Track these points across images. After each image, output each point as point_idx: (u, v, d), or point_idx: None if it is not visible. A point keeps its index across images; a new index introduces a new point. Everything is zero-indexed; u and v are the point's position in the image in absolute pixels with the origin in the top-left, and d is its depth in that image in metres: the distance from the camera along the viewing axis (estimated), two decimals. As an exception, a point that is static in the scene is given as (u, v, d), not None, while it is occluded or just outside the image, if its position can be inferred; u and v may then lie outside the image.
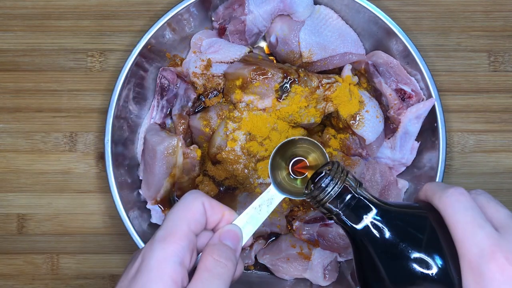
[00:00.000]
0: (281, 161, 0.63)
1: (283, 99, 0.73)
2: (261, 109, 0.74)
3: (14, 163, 0.82)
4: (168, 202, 0.77)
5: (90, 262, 0.81)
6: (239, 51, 0.77)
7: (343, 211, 0.51)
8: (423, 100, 0.75)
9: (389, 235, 0.49)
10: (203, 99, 0.78)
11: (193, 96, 0.78)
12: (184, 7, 0.75)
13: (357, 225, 0.50)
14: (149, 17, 0.82)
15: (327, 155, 0.60)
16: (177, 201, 0.51)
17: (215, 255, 0.49)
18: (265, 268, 0.78)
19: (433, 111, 0.74)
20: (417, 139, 0.77)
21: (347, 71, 0.75)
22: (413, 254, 0.48)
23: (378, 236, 0.49)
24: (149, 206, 0.77)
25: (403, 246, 0.48)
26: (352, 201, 0.50)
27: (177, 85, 0.78)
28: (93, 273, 0.81)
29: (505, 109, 0.82)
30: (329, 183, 0.50)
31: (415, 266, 0.48)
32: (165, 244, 0.47)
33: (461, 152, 0.81)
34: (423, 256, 0.48)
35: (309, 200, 0.52)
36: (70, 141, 0.82)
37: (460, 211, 0.48)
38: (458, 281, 0.46)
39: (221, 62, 0.77)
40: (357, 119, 0.74)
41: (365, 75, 0.78)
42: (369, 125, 0.74)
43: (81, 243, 0.81)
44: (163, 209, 0.77)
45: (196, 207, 0.50)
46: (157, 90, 0.79)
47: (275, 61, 0.80)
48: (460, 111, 0.82)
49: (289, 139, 0.62)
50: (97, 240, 0.81)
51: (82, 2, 0.82)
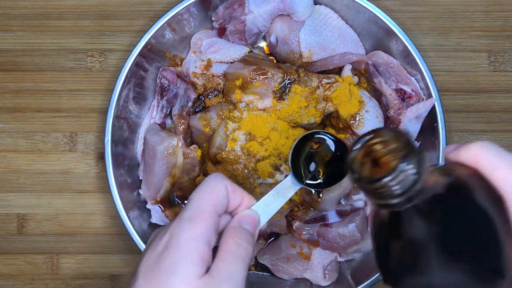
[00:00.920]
0: (300, 152, 0.64)
1: (283, 99, 0.73)
2: (261, 109, 0.74)
3: (14, 163, 0.82)
4: (168, 202, 0.77)
5: (90, 262, 0.81)
6: (239, 51, 0.77)
7: (408, 201, 0.42)
8: (423, 100, 0.75)
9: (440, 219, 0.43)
10: (203, 99, 0.78)
11: (193, 96, 0.78)
12: (184, 7, 0.75)
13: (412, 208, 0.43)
14: (149, 17, 0.82)
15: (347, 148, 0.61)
16: (201, 183, 0.52)
17: (237, 238, 0.50)
18: (265, 268, 0.78)
19: (433, 111, 0.74)
20: (417, 139, 0.77)
21: (347, 71, 0.75)
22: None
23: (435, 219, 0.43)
24: (149, 206, 0.77)
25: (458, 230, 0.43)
26: (420, 192, 0.41)
27: (177, 85, 0.78)
28: (93, 273, 0.81)
29: (505, 109, 0.82)
30: (401, 175, 0.40)
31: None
32: (193, 223, 0.48)
33: (461, 152, 0.81)
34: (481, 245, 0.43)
35: (357, 184, 0.44)
36: (70, 141, 0.82)
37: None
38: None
39: (221, 62, 0.77)
40: (357, 119, 0.74)
41: (365, 75, 0.78)
42: (369, 125, 0.74)
43: (81, 243, 0.81)
44: (163, 209, 0.77)
45: (220, 189, 0.51)
46: (157, 90, 0.79)
47: (275, 61, 0.80)
48: (460, 111, 0.82)
49: (311, 132, 0.64)
50: (97, 240, 0.81)
51: (82, 2, 0.83)
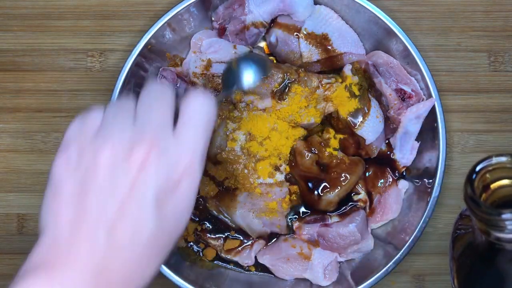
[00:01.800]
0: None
1: (283, 99, 0.73)
2: (261, 109, 0.74)
3: (14, 163, 0.82)
4: (168, 202, 0.77)
5: (90, 262, 0.81)
6: (239, 51, 0.77)
7: None
8: (423, 100, 0.75)
9: None
10: (203, 99, 0.78)
11: (193, 96, 0.77)
12: (184, 7, 0.75)
13: None
14: (149, 17, 0.82)
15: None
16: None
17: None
18: (265, 268, 0.78)
19: (433, 111, 0.74)
20: (417, 139, 0.77)
21: (347, 71, 0.75)
22: None
23: None
24: (149, 206, 0.77)
25: None
26: None
27: (177, 85, 0.78)
28: (93, 273, 0.81)
29: (505, 109, 0.81)
30: None
31: None
32: None
33: (461, 152, 0.81)
34: None
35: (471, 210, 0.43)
36: (70, 141, 0.81)
37: None
38: None
39: (221, 62, 0.77)
40: (358, 119, 0.74)
41: (365, 75, 0.78)
42: (369, 125, 0.74)
43: (81, 243, 0.81)
44: (163, 209, 0.76)
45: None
46: (157, 90, 0.79)
47: (275, 61, 0.80)
48: (460, 111, 0.82)
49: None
50: (97, 240, 0.81)
51: (82, 2, 0.82)
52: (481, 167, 0.43)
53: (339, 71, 0.77)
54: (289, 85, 0.73)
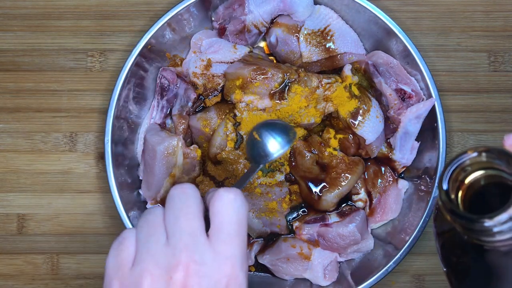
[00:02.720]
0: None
1: (283, 99, 0.73)
2: (261, 109, 0.74)
3: (14, 163, 0.82)
4: (168, 202, 0.77)
5: (90, 262, 0.81)
6: (239, 51, 0.77)
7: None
8: (423, 100, 0.75)
9: None
10: (203, 99, 0.78)
11: (193, 96, 0.78)
12: (184, 7, 0.75)
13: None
14: (149, 17, 0.82)
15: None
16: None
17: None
18: (265, 268, 0.78)
19: (433, 111, 0.74)
20: (417, 139, 0.77)
21: (347, 71, 0.75)
22: None
23: None
24: (149, 206, 0.77)
25: None
26: None
27: (177, 85, 0.78)
28: (93, 273, 0.81)
29: (505, 109, 0.81)
30: None
31: None
32: None
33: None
34: None
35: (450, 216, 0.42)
36: (70, 141, 0.82)
37: None
38: None
39: (221, 62, 0.77)
40: (358, 119, 0.74)
41: (365, 75, 0.78)
42: (369, 125, 0.74)
43: (81, 243, 0.81)
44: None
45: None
46: (157, 90, 0.79)
47: (275, 61, 0.80)
48: (460, 111, 0.82)
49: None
50: (97, 240, 0.81)
51: (82, 2, 0.82)
52: (453, 169, 0.43)
53: (339, 71, 0.77)
54: (289, 85, 0.73)
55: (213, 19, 0.79)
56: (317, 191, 0.75)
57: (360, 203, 0.77)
